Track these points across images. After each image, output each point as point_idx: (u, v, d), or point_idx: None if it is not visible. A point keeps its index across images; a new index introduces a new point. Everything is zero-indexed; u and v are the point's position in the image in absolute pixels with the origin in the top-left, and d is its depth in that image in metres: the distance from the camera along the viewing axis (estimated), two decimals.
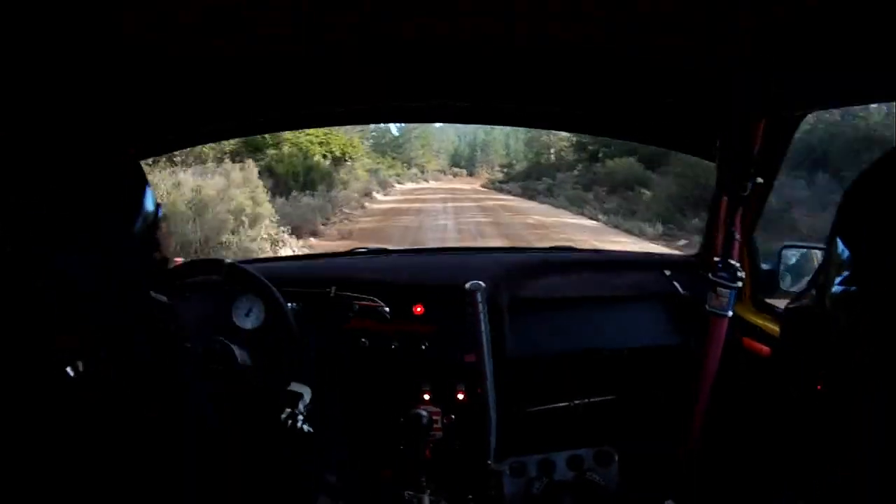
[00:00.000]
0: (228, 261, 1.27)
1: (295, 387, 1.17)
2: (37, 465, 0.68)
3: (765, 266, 1.46)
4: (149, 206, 0.82)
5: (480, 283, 1.26)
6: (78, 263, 0.72)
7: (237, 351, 1.14)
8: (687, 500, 1.38)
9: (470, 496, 1.41)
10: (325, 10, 0.87)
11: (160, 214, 0.84)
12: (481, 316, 1.26)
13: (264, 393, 1.14)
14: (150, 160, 5.98)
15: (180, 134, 1.41)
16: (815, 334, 0.63)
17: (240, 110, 1.33)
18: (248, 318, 1.40)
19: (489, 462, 1.33)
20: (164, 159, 8.93)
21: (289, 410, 1.11)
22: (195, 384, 0.98)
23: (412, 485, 1.35)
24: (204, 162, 10.59)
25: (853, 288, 0.56)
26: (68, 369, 0.69)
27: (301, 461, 1.08)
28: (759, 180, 1.24)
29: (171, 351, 0.87)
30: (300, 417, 1.11)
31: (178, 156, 9.67)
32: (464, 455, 1.41)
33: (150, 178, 0.88)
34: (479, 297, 1.25)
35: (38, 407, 0.68)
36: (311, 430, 1.10)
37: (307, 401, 1.16)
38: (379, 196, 20.99)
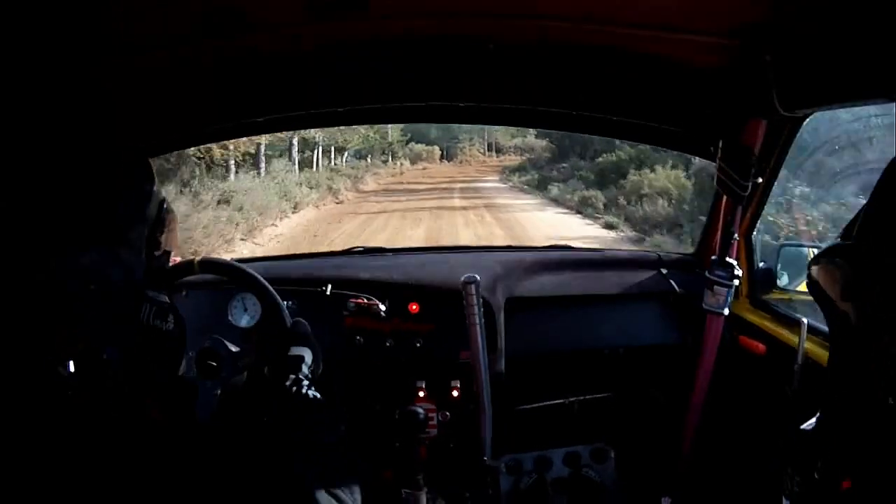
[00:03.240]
0: (199, 258, 1.23)
1: (294, 351, 1.10)
2: (32, 465, 0.68)
3: (762, 264, 1.47)
4: (154, 201, 0.80)
5: (475, 276, 1.25)
6: (88, 262, 0.71)
7: (230, 347, 1.12)
8: (684, 497, 1.38)
9: (467, 494, 1.41)
10: (326, 12, 0.86)
11: (164, 210, 0.82)
12: (476, 310, 1.25)
13: (262, 372, 1.09)
14: None
15: (183, 134, 1.41)
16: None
17: (241, 111, 1.33)
18: (244, 315, 1.39)
19: (485, 459, 1.34)
20: None
21: (292, 377, 1.04)
22: (193, 382, 0.97)
23: (409, 483, 1.35)
24: None
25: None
26: (60, 369, 0.68)
27: (311, 429, 1.03)
28: (759, 180, 1.24)
29: (171, 351, 0.86)
30: (305, 383, 1.06)
31: None
32: (460, 452, 1.41)
33: None
34: (473, 289, 1.24)
35: (36, 407, 0.68)
36: (316, 395, 1.05)
37: (309, 362, 1.09)
38: None
